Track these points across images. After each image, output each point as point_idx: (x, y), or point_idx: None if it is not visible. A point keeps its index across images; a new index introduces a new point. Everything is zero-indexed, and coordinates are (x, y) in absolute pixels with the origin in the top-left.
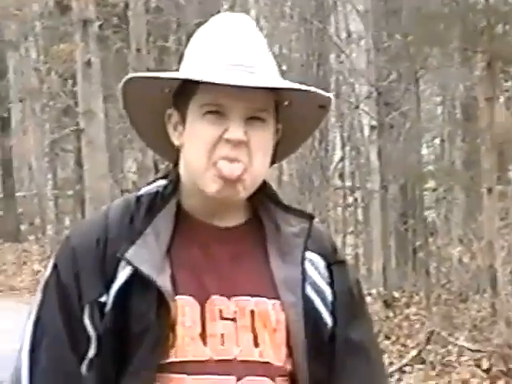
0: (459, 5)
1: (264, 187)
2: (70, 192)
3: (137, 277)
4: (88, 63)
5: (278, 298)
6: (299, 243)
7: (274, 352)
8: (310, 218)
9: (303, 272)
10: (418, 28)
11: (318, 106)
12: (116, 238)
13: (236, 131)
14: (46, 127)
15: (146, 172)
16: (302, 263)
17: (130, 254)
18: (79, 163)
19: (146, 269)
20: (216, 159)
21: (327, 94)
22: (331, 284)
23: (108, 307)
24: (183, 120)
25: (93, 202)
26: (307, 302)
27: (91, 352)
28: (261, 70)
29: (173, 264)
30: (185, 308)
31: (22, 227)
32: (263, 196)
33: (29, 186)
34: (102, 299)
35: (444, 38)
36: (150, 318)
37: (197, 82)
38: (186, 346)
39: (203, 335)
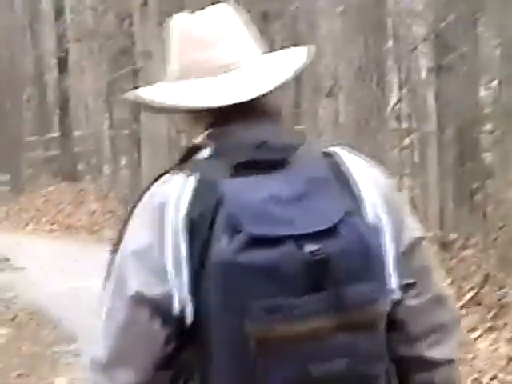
0: None
1: None
2: (127, 132)
3: None
4: (145, 3)
5: None
6: None
7: None
8: None
9: None
10: None
11: None
12: None
13: None
14: (102, 67)
15: None
16: None
17: None
18: (136, 103)
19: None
20: None
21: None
22: None
23: None
24: None
25: (149, 141)
26: None
27: None
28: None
29: None
30: None
31: (79, 166)
32: None
33: (86, 126)
34: None
35: None
36: None
37: None
38: None
39: None
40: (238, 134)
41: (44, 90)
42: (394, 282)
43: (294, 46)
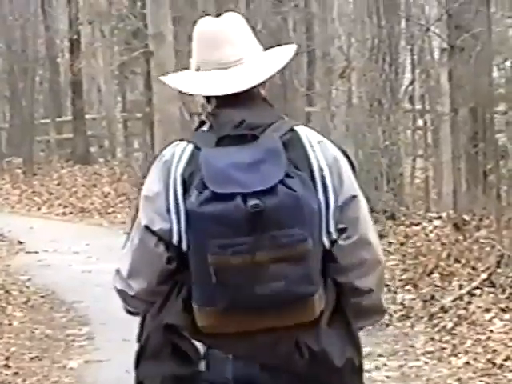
0: None
1: None
2: (139, 114)
3: None
4: None
5: None
6: None
7: None
8: None
9: None
10: None
11: None
12: None
13: None
14: (115, 49)
15: None
16: None
17: None
18: (148, 86)
19: None
20: None
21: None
22: None
23: None
24: None
25: (161, 124)
26: None
27: None
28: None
29: None
30: None
31: (92, 149)
32: None
33: (98, 109)
34: None
35: None
36: None
37: None
38: None
39: None
40: (227, 114)
41: (56, 72)
42: (331, 226)
43: (293, 46)
